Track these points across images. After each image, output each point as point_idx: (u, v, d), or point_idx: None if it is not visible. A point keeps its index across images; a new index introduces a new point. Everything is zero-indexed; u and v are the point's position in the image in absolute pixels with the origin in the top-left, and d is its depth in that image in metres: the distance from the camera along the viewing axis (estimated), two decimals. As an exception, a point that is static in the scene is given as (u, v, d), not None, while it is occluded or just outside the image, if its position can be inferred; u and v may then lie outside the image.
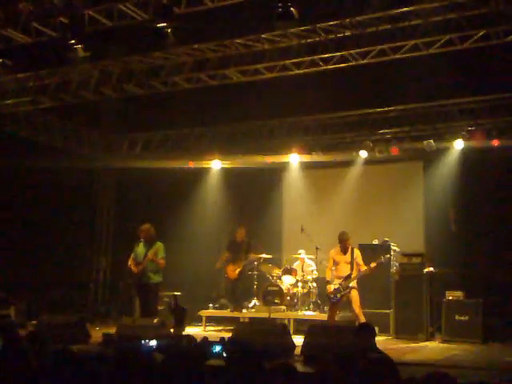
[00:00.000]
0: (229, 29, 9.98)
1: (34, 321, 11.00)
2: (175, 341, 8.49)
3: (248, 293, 13.17)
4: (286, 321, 12.00)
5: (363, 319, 10.39)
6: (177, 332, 10.61)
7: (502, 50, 10.08)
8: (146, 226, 11.09)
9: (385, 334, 11.63)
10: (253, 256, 13.15)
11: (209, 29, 10.06)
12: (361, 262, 10.83)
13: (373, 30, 9.63)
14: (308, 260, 13.05)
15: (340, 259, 10.93)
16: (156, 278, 11.00)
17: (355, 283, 10.78)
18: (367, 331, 6.33)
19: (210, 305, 13.37)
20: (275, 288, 12.75)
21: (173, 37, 9.04)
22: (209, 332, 12.12)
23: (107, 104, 15.14)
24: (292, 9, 8.47)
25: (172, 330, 10.60)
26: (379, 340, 9.58)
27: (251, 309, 12.87)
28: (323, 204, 14.27)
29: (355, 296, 10.68)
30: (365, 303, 11.07)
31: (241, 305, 12.94)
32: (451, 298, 11.46)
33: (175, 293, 12.68)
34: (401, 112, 12.85)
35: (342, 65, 10.62)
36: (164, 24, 8.96)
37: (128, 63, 11.32)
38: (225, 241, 13.91)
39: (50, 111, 13.52)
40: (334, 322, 10.77)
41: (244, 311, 12.81)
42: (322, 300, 12.22)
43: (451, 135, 12.57)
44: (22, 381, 5.10)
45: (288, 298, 12.68)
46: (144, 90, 12.06)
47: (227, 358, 7.41)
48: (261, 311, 12.45)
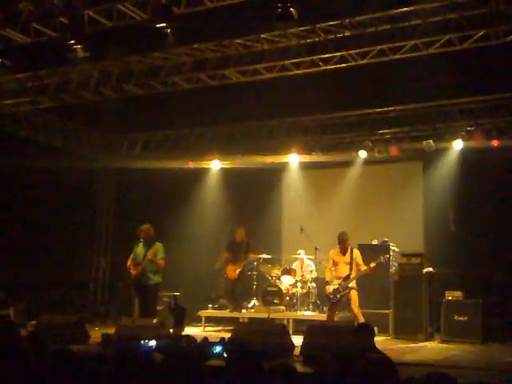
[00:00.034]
0: (228, 29, 9.99)
1: (34, 321, 10.98)
2: (174, 341, 8.49)
3: (247, 293, 13.17)
4: (286, 321, 12.00)
5: (362, 319, 10.40)
6: (176, 332, 10.60)
7: (502, 50, 10.07)
8: (146, 227, 11.09)
9: (384, 334, 11.62)
10: (252, 256, 13.14)
11: (208, 29, 10.07)
12: (360, 262, 10.84)
13: (372, 30, 9.63)
14: (307, 260, 13.05)
15: (339, 260, 10.93)
16: (155, 279, 10.99)
17: (354, 283, 10.79)
18: (366, 331, 6.34)
19: (210, 305, 13.37)
20: (274, 288, 12.75)
21: (172, 37, 9.04)
22: (208, 332, 12.11)
23: (107, 104, 15.14)
24: (291, 9, 8.48)
25: (171, 330, 10.60)
26: (378, 340, 9.58)
27: (250, 309, 12.86)
28: (323, 204, 14.27)
29: (354, 296, 10.69)
30: (364, 303, 11.08)
31: (240, 305, 12.93)
32: (450, 298, 11.46)
33: (175, 293, 12.68)
34: (400, 112, 12.85)
35: (342, 65, 10.62)
36: (163, 24, 8.97)
37: (127, 63, 11.32)
38: (224, 241, 13.90)
39: (50, 111, 13.52)
40: (333, 323, 10.77)
41: (243, 311, 12.80)
42: (322, 300, 12.22)
43: (451, 135, 12.57)
44: (22, 381, 5.10)
45: (287, 299, 12.68)
46: (144, 90, 12.06)
47: (227, 359, 7.42)
48: (260, 311, 12.44)
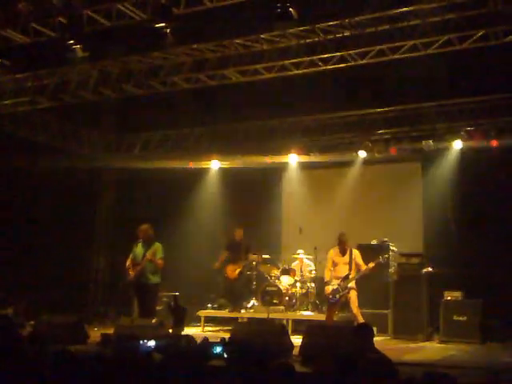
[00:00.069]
0: (228, 29, 9.98)
1: (33, 321, 10.97)
2: (174, 341, 8.49)
3: (246, 293, 13.16)
4: (285, 321, 11.99)
5: (362, 319, 10.41)
6: (176, 332, 10.60)
7: (501, 51, 10.07)
8: (145, 227, 11.08)
9: (383, 335, 11.61)
10: (252, 256, 13.14)
11: (208, 29, 10.07)
12: (361, 262, 10.85)
13: (372, 31, 9.63)
14: (306, 260, 13.05)
15: (339, 260, 10.94)
16: (154, 279, 10.98)
17: (354, 284, 10.79)
18: (366, 331, 6.34)
19: (209, 305, 13.37)
20: (274, 288, 12.75)
21: (172, 37, 9.05)
22: (207, 332, 12.12)
23: (106, 104, 15.14)
24: (291, 9, 8.49)
25: (171, 330, 10.60)
26: (378, 340, 9.56)
27: (250, 309, 12.85)
28: (322, 204, 14.26)
29: (354, 296, 10.70)
30: (363, 303, 11.07)
31: (239, 305, 12.93)
32: (450, 299, 11.47)
33: (175, 293, 12.67)
34: (399, 112, 12.85)
35: (341, 65, 10.62)
36: (163, 24, 8.98)
37: (127, 63, 11.32)
38: (223, 241, 13.90)
39: (49, 111, 13.51)
40: (333, 323, 10.77)
41: (242, 311, 12.80)
42: (321, 300, 12.22)
43: (450, 135, 12.57)
44: (22, 381, 5.10)
45: (286, 299, 12.67)
46: (143, 90, 12.06)
47: (228, 359, 7.43)
48: (259, 311, 12.43)
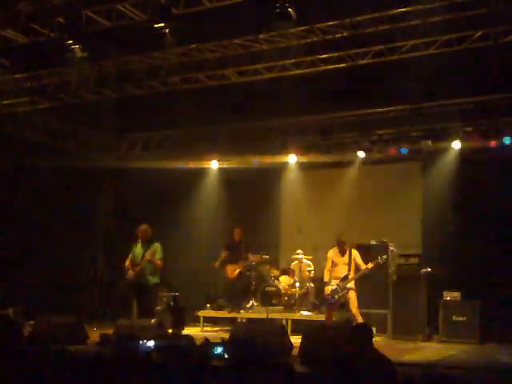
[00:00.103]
0: (227, 29, 9.98)
1: (32, 321, 10.96)
2: (173, 341, 8.48)
3: (246, 293, 13.16)
4: (284, 321, 11.97)
5: (361, 320, 10.41)
6: (175, 332, 10.59)
7: (501, 51, 10.07)
8: (144, 227, 11.07)
9: (382, 335, 11.62)
10: (252, 257, 13.13)
11: (207, 29, 10.06)
12: (360, 262, 10.86)
13: (371, 31, 9.63)
14: (306, 260, 13.04)
15: (338, 260, 10.95)
16: (154, 279, 10.97)
17: (353, 284, 10.79)
18: (365, 331, 6.33)
19: (208, 305, 13.37)
20: (273, 288, 12.76)
21: (171, 37, 9.06)
22: (206, 333, 12.11)
23: (106, 104, 15.12)
24: (290, 9, 8.49)
25: (171, 331, 10.59)
26: (377, 340, 9.57)
27: (249, 309, 12.84)
28: (321, 204, 14.25)
29: (353, 297, 10.70)
30: (362, 303, 11.07)
31: (239, 305, 12.93)
32: (449, 299, 11.47)
33: (175, 293, 12.68)
34: (399, 112, 12.84)
35: (341, 65, 10.62)
36: (162, 24, 8.99)
37: (126, 63, 11.32)
38: (223, 241, 13.90)
39: (49, 111, 13.51)
40: (332, 323, 10.77)
41: (242, 312, 12.79)
42: (320, 300, 12.21)
43: (449, 135, 12.57)
44: (22, 381, 5.10)
45: (286, 299, 12.68)
46: (143, 90, 12.06)
47: (228, 359, 7.43)
48: (258, 312, 12.43)
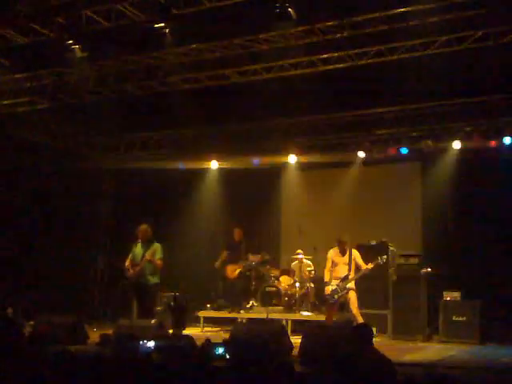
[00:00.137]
0: (227, 29, 9.97)
1: (32, 321, 10.96)
2: (173, 342, 8.47)
3: (246, 293, 13.16)
4: (284, 321, 11.96)
5: (361, 320, 10.41)
6: (176, 332, 10.59)
7: (500, 51, 10.06)
8: (144, 227, 11.07)
9: (383, 335, 11.62)
10: (252, 257, 13.13)
11: (207, 29, 10.05)
12: (360, 262, 10.85)
13: (371, 31, 9.63)
14: (306, 260, 13.03)
15: (338, 260, 10.95)
16: (154, 279, 10.97)
17: (353, 284, 10.79)
18: (365, 332, 6.33)
19: (208, 305, 13.36)
20: (273, 289, 12.75)
21: (171, 37, 9.05)
22: (207, 333, 12.11)
23: (106, 104, 15.10)
24: (290, 9, 8.49)
25: (171, 331, 10.58)
26: (377, 341, 9.57)
27: (249, 309, 12.84)
28: (321, 205, 14.26)
29: (353, 297, 10.70)
30: (362, 304, 11.07)
31: (239, 305, 12.92)
32: (449, 299, 11.47)
33: (176, 293, 12.67)
34: (399, 113, 12.83)
35: (340, 65, 10.62)
36: (162, 24, 8.99)
37: (126, 63, 11.30)
38: (223, 241, 13.90)
39: (49, 111, 13.49)
40: (332, 323, 10.77)
41: (242, 312, 12.78)
42: (320, 300, 12.21)
43: (449, 136, 12.58)
44: (22, 381, 5.10)
45: (286, 299, 12.67)
46: (142, 90, 12.06)
47: (229, 360, 7.43)
48: (259, 312, 12.43)
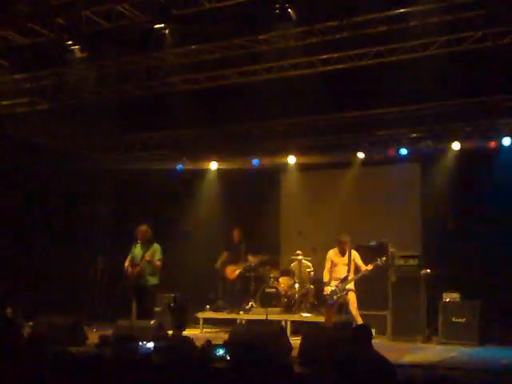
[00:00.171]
0: (226, 30, 9.96)
1: (32, 322, 10.96)
2: (173, 343, 8.47)
3: (245, 294, 13.15)
4: (283, 322, 11.97)
5: (360, 321, 10.41)
6: (176, 334, 10.57)
7: (500, 52, 10.06)
8: (143, 228, 11.07)
9: (382, 336, 11.61)
10: (251, 258, 13.13)
11: (207, 30, 10.05)
12: (360, 263, 10.84)
13: (371, 32, 9.62)
14: (305, 261, 13.03)
15: (338, 261, 10.93)
16: (153, 280, 10.98)
17: (352, 285, 10.78)
18: (364, 333, 6.32)
19: (208, 306, 13.35)
20: (272, 290, 12.74)
21: (171, 38, 9.04)
22: (207, 334, 12.10)
23: (105, 105, 15.08)
24: (290, 10, 8.49)
25: (171, 332, 10.57)
26: (376, 342, 9.57)
27: (248, 310, 12.84)
28: (321, 205, 14.24)
29: (352, 298, 10.69)
30: (362, 305, 11.06)
31: (238, 306, 12.92)
32: (448, 300, 11.46)
33: (174, 293, 12.66)
34: (398, 113, 12.82)
35: (340, 66, 10.62)
36: (162, 25, 8.98)
37: (126, 64, 11.30)
38: (222, 242, 13.90)
39: (48, 112, 13.48)
40: (331, 324, 10.77)
41: (241, 313, 12.78)
42: (320, 301, 12.21)
43: (449, 137, 12.57)
44: (22, 381, 5.10)
45: (285, 300, 12.67)
46: (142, 91, 12.05)
47: (229, 361, 7.42)
48: (258, 313, 12.41)
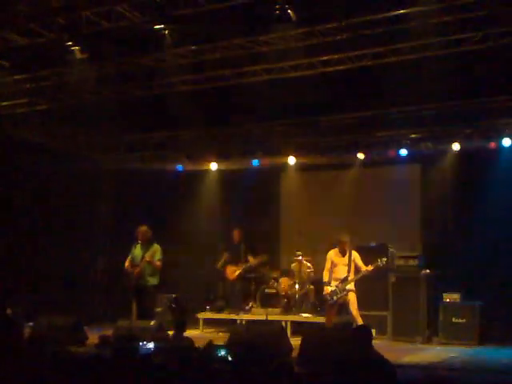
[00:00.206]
0: (226, 31, 9.96)
1: (32, 322, 10.96)
2: (173, 343, 8.47)
3: (245, 295, 13.15)
4: (284, 323, 11.97)
5: (360, 321, 10.40)
6: (177, 334, 10.57)
7: (500, 53, 10.06)
8: (143, 228, 11.08)
9: (382, 336, 11.61)
10: (251, 258, 13.13)
11: (206, 31, 10.05)
12: (360, 264, 10.83)
13: (371, 33, 9.61)
14: (305, 262, 13.03)
15: (338, 261, 10.93)
16: (153, 281, 10.99)
17: (353, 286, 10.77)
18: (365, 333, 6.32)
19: (208, 307, 13.36)
20: (272, 290, 12.75)
21: (170, 38, 9.04)
22: (207, 334, 12.11)
23: (105, 105, 15.09)
24: (290, 11, 8.49)
25: (172, 332, 10.56)
26: (376, 342, 9.58)
27: (248, 311, 12.84)
28: (321, 206, 14.24)
29: (353, 298, 10.68)
30: (362, 305, 11.06)
31: (238, 307, 12.93)
32: (448, 301, 11.48)
33: (175, 294, 12.65)
34: (398, 114, 12.82)
35: (340, 67, 10.62)
36: (161, 26, 8.98)
37: (125, 64, 11.30)
38: (222, 243, 13.90)
39: (48, 112, 13.49)
40: (332, 325, 10.77)
41: (241, 313, 12.79)
42: (320, 302, 12.21)
43: (449, 138, 12.57)
44: (22, 381, 5.10)
45: (285, 300, 12.67)
46: (141, 92, 12.05)
47: (232, 361, 7.42)
48: (258, 313, 12.43)
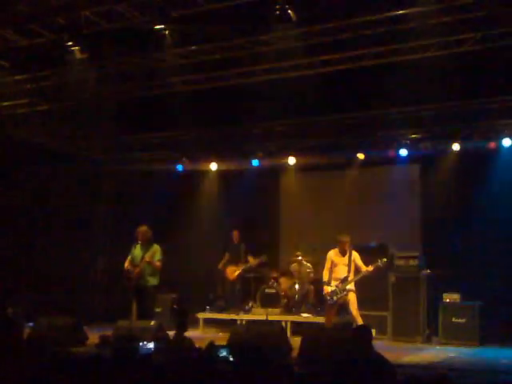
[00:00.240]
0: (227, 31, 9.96)
1: (32, 323, 10.96)
2: (173, 343, 8.46)
3: (245, 295, 13.16)
4: (283, 323, 11.98)
5: (360, 321, 10.39)
6: (179, 335, 10.56)
7: (500, 53, 10.06)
8: (143, 228, 11.07)
9: (382, 336, 11.62)
10: (251, 258, 13.15)
11: (206, 31, 10.05)
12: (360, 264, 10.81)
13: (371, 33, 9.62)
14: (305, 262, 13.03)
15: (338, 261, 10.91)
16: (153, 281, 10.97)
17: (353, 286, 10.75)
18: (364, 333, 6.32)
19: (208, 307, 13.36)
20: (272, 290, 12.75)
21: (170, 39, 9.05)
22: (206, 334, 12.11)
23: (105, 105, 15.09)
24: (290, 11, 8.49)
25: (172, 333, 10.55)
26: (376, 342, 9.58)
27: (248, 311, 12.85)
28: (321, 206, 14.24)
29: (353, 298, 10.67)
30: (362, 305, 11.05)
31: (238, 307, 12.93)
32: (448, 301, 11.48)
33: (175, 294, 12.63)
34: (398, 115, 12.82)
35: (340, 67, 10.62)
36: (161, 26, 8.99)
37: (125, 64, 11.30)
38: (222, 243, 13.91)
39: (48, 113, 13.49)
40: (331, 325, 10.76)
41: (241, 314, 12.79)
42: (320, 302, 12.21)
43: (448, 138, 12.57)
44: (22, 381, 5.10)
45: (285, 300, 12.68)
46: (142, 92, 12.06)
47: (233, 362, 7.42)
48: (258, 313, 12.43)
